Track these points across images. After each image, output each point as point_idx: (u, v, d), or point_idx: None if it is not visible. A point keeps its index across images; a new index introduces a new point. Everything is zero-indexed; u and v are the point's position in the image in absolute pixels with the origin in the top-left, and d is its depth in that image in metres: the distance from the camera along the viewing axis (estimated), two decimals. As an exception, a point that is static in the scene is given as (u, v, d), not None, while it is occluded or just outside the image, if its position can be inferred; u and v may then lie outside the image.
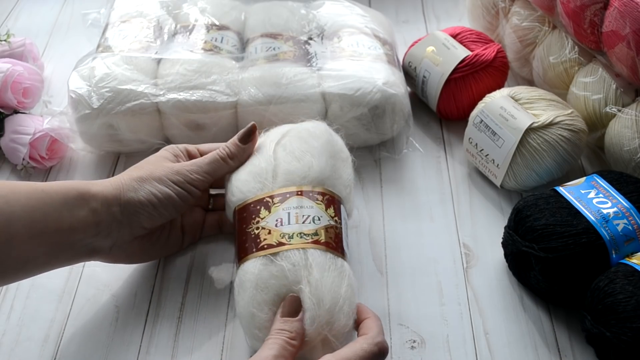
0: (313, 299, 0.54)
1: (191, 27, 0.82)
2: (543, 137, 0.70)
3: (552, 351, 0.61)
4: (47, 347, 0.61)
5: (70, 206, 0.56)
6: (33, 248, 0.55)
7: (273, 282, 0.55)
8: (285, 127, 0.66)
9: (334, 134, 0.66)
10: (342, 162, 0.65)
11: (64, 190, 0.57)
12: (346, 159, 0.65)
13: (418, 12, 1.03)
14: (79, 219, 0.57)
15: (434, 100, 0.81)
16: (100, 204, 0.58)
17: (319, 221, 0.58)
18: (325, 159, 0.62)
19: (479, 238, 0.70)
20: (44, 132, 0.76)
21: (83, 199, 0.57)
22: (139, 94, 0.74)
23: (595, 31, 0.71)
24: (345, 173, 0.64)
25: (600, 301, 0.57)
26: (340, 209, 0.61)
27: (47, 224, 0.55)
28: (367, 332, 0.54)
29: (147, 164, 0.62)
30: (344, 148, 0.66)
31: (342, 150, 0.66)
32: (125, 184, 0.59)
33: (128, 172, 0.61)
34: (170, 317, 0.63)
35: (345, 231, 0.61)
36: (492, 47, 0.80)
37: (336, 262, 0.57)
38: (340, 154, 0.65)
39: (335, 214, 0.59)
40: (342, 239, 0.59)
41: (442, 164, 0.79)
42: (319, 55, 0.80)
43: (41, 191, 0.56)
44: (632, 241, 0.61)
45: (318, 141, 0.63)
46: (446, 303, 0.64)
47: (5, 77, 0.78)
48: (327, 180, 0.61)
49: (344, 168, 0.64)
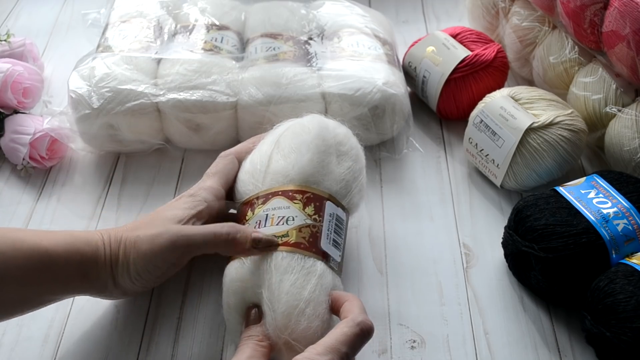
0: (268, 304, 0.54)
1: (191, 27, 0.82)
2: (543, 137, 0.70)
3: (552, 351, 0.61)
4: (47, 347, 0.61)
5: (70, 271, 0.55)
6: (18, 298, 0.54)
7: (238, 285, 0.57)
8: (288, 122, 0.65)
9: (331, 127, 0.64)
10: (338, 157, 0.63)
11: (67, 255, 0.54)
12: (346, 152, 0.63)
13: (418, 12, 1.03)
14: (75, 285, 0.56)
15: (434, 100, 0.81)
16: (100, 272, 0.56)
17: (292, 221, 0.58)
18: (311, 155, 0.61)
19: (479, 238, 0.70)
20: (44, 132, 0.76)
21: (85, 265, 0.55)
22: (139, 94, 0.74)
23: (595, 31, 0.71)
24: (339, 167, 0.62)
25: (600, 301, 0.57)
26: (325, 205, 0.60)
27: (41, 286, 0.54)
28: (347, 315, 0.53)
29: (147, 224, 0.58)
30: (346, 140, 0.64)
31: (341, 143, 0.64)
32: (120, 256, 0.56)
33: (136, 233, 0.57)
34: (170, 317, 0.63)
35: (333, 228, 0.60)
36: (492, 47, 0.80)
37: (305, 262, 0.56)
38: (338, 147, 0.63)
39: (315, 212, 0.59)
40: (321, 237, 0.58)
41: (442, 164, 0.79)
42: (319, 55, 0.80)
43: (44, 252, 0.53)
44: (632, 241, 0.61)
45: (309, 135, 0.62)
46: (446, 303, 0.64)
47: (5, 77, 0.78)
48: (311, 177, 0.60)
49: (339, 162, 0.63)
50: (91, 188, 0.76)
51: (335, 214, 0.61)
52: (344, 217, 0.62)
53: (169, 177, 0.77)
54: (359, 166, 0.64)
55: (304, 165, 0.60)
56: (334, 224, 0.60)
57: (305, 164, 0.60)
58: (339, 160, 0.63)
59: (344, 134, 0.65)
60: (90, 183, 0.77)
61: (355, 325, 0.51)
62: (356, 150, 0.65)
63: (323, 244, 0.58)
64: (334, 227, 0.60)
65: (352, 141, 0.65)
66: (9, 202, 0.75)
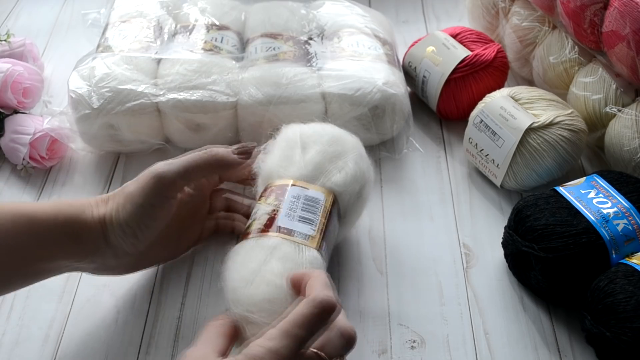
0: (223, 286, 0.56)
1: (191, 27, 0.82)
2: (543, 137, 0.70)
3: (552, 351, 0.61)
4: (47, 347, 0.61)
5: (56, 232, 0.55)
6: (9, 270, 0.54)
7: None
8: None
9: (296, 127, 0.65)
10: (303, 148, 0.63)
11: (51, 216, 0.55)
12: (314, 141, 0.63)
13: (418, 12, 1.03)
14: (64, 249, 0.56)
15: (434, 100, 0.81)
16: (88, 232, 0.56)
17: (254, 215, 0.60)
18: (274, 155, 0.63)
19: (479, 238, 0.70)
20: (44, 132, 0.76)
21: (71, 223, 0.55)
22: (139, 94, 0.74)
23: (595, 31, 0.71)
24: (305, 155, 0.63)
25: (600, 301, 0.57)
26: (287, 190, 0.60)
27: (29, 252, 0.54)
28: (309, 294, 0.49)
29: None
30: (312, 132, 0.64)
31: (306, 135, 0.64)
32: (109, 210, 0.57)
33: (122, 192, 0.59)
34: (170, 317, 0.63)
35: (299, 206, 0.60)
36: (492, 47, 0.80)
37: (256, 242, 0.57)
38: (303, 139, 0.64)
39: (276, 199, 0.60)
40: (278, 217, 0.59)
41: (442, 164, 0.79)
42: (319, 55, 0.80)
43: (27, 218, 0.54)
44: (632, 241, 0.61)
45: (279, 139, 0.65)
46: (446, 303, 0.64)
47: (5, 77, 0.78)
48: (275, 172, 0.63)
49: (305, 151, 0.63)
50: (91, 188, 0.76)
51: (303, 194, 0.61)
52: (319, 196, 0.61)
53: (169, 177, 0.77)
54: (333, 149, 0.63)
55: (268, 166, 0.63)
56: (301, 203, 0.60)
57: (269, 165, 0.63)
58: (304, 150, 0.63)
59: (312, 129, 0.65)
60: (90, 183, 0.77)
61: (315, 305, 0.47)
62: (329, 136, 0.64)
63: (281, 221, 0.59)
64: (300, 206, 0.60)
65: (322, 130, 0.65)
66: (9, 202, 0.75)
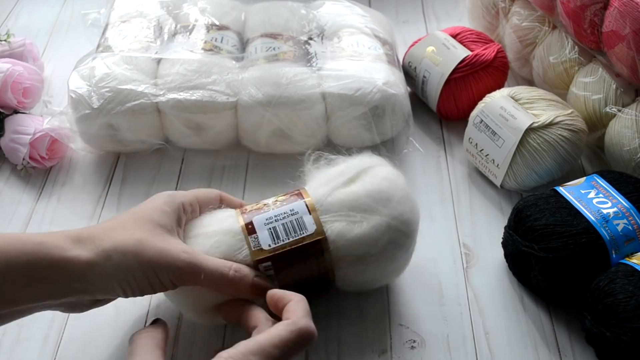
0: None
1: (191, 27, 0.82)
2: (543, 137, 0.70)
3: (552, 351, 0.61)
4: (47, 347, 0.61)
5: (36, 279, 0.50)
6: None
7: None
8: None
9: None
10: (350, 181, 0.60)
11: (35, 259, 0.49)
12: (359, 179, 0.60)
13: (418, 12, 1.03)
14: (27, 291, 0.50)
15: (434, 100, 0.81)
16: (59, 274, 0.50)
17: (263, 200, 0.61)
18: (332, 171, 0.62)
19: (479, 238, 0.70)
20: (44, 132, 0.76)
21: (35, 268, 0.50)
22: (139, 94, 0.74)
23: (595, 31, 0.71)
24: (343, 188, 0.59)
25: (600, 301, 0.57)
26: (294, 201, 0.58)
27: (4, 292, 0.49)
28: (289, 317, 0.50)
29: (142, 228, 0.54)
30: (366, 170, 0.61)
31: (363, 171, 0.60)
32: (106, 256, 0.51)
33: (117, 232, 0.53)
34: (170, 318, 0.63)
35: (285, 220, 0.57)
36: (492, 47, 0.80)
37: (223, 213, 0.59)
38: (359, 174, 0.60)
39: (284, 199, 0.59)
40: (259, 214, 0.58)
41: (442, 164, 0.79)
42: (319, 55, 0.80)
43: (5, 263, 0.49)
44: (632, 241, 0.61)
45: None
46: (446, 303, 0.64)
47: (5, 77, 0.78)
48: (310, 185, 0.61)
49: (346, 185, 0.59)
50: (91, 188, 0.76)
51: (300, 216, 0.57)
52: (309, 227, 0.57)
53: (169, 177, 0.77)
54: (369, 201, 0.57)
55: (312, 177, 0.61)
56: (289, 219, 0.57)
57: (315, 177, 0.61)
58: (346, 183, 0.59)
59: (382, 173, 0.60)
60: (90, 183, 0.77)
61: (295, 329, 0.48)
62: (383, 192, 0.58)
63: (255, 219, 0.57)
64: (286, 221, 0.57)
65: (386, 181, 0.59)
66: (9, 202, 0.75)
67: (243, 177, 0.77)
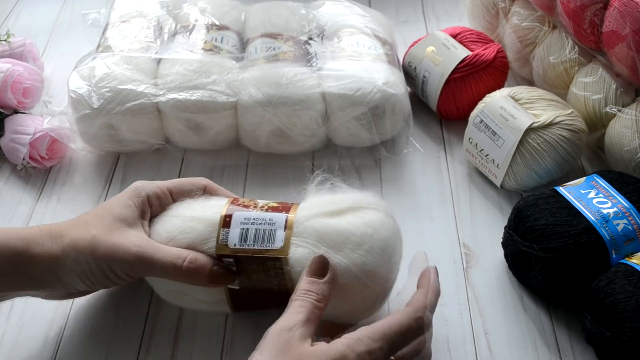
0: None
1: (191, 27, 0.82)
2: (543, 137, 0.70)
3: (552, 351, 0.61)
4: (47, 347, 0.61)
5: (17, 272, 0.54)
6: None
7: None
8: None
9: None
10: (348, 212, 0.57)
11: (16, 253, 0.53)
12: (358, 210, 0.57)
13: (418, 12, 1.03)
14: (9, 281, 0.54)
15: (434, 100, 0.81)
16: (36, 267, 0.54)
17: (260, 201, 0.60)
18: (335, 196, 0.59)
19: (479, 238, 0.70)
20: (44, 132, 0.76)
21: (17, 261, 0.54)
22: (139, 94, 0.74)
23: (595, 31, 0.71)
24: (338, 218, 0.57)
25: (600, 301, 0.57)
26: (282, 212, 0.58)
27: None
28: (412, 305, 0.52)
29: (100, 223, 0.56)
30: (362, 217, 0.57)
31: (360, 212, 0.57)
32: (67, 252, 0.55)
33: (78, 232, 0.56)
34: (170, 317, 0.63)
35: (262, 226, 0.56)
36: (492, 47, 0.80)
37: (215, 199, 0.60)
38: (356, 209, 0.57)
39: (274, 206, 0.59)
40: (240, 212, 0.57)
41: (442, 164, 0.79)
42: (319, 55, 0.80)
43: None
44: (632, 241, 0.61)
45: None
46: (446, 303, 0.64)
47: (5, 77, 0.78)
48: (305, 203, 0.60)
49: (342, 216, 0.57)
50: (91, 188, 0.76)
51: (275, 229, 0.56)
52: (278, 242, 0.56)
53: (169, 177, 0.76)
54: (354, 242, 0.55)
55: (311, 197, 0.59)
56: (264, 226, 0.56)
57: (314, 198, 0.59)
58: (330, 215, 0.57)
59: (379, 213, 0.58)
60: (90, 183, 0.77)
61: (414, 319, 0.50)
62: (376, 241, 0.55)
63: (236, 214, 0.57)
64: (261, 228, 0.56)
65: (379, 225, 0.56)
66: (9, 202, 0.75)
67: (243, 177, 0.77)
